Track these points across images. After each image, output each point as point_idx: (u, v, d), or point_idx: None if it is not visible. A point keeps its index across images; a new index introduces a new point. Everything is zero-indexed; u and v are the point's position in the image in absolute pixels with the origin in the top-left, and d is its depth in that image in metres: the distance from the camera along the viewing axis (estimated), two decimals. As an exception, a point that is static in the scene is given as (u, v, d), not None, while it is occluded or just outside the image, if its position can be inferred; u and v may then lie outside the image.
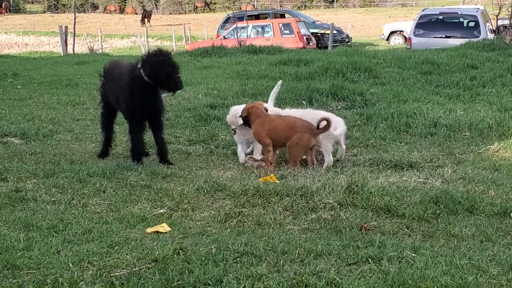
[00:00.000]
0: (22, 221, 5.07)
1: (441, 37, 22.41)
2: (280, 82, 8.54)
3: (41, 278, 3.87)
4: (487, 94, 11.86)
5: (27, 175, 6.48)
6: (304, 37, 29.14)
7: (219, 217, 5.39)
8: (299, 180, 6.33)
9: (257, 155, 7.56)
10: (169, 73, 6.88)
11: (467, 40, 19.37)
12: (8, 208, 5.49)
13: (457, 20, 23.10)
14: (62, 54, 26.33)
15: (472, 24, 22.58)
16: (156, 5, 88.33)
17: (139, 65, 6.98)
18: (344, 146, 7.56)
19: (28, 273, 4.01)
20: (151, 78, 6.90)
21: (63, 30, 26.52)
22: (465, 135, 8.87)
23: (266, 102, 8.03)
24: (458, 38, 21.12)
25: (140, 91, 7.00)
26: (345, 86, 11.60)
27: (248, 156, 7.62)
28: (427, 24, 23.07)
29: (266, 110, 7.48)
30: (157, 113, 7.30)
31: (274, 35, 28.79)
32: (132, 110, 7.12)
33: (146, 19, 54.22)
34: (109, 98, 7.55)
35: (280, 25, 29.28)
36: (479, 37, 20.99)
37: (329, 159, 7.31)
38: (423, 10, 23.90)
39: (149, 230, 4.98)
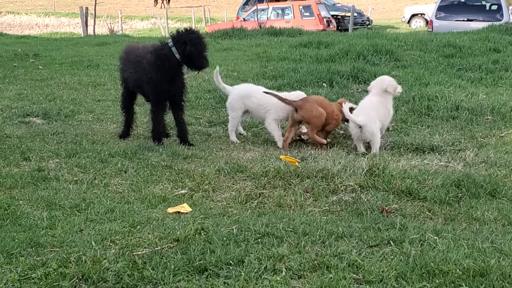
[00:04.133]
0: (45, 200, 5.12)
1: (463, 20, 22.21)
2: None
3: (64, 256, 3.90)
4: (510, 78, 11.74)
5: (49, 155, 6.53)
6: (324, 20, 29.01)
7: (239, 198, 5.40)
8: (319, 162, 6.32)
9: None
10: (201, 50, 6.99)
11: (490, 23, 19.14)
12: (31, 187, 5.54)
13: (480, 3, 22.85)
14: (82, 35, 26.41)
15: (494, 7, 22.34)
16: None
17: (170, 43, 7.01)
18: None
19: (51, 251, 4.04)
20: (183, 55, 6.94)
21: (84, 11, 26.57)
22: (487, 119, 8.80)
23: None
24: (481, 22, 20.90)
25: (168, 70, 7.04)
26: (366, 68, 11.53)
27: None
28: (449, 7, 22.85)
29: None
30: (180, 93, 7.32)
31: (294, 17, 28.68)
32: (159, 90, 7.13)
33: (164, 0, 54.07)
34: (128, 80, 7.56)
35: (301, 7, 29.14)
36: (501, 20, 20.76)
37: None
38: (445, -7, 23.64)
39: (170, 210, 5.01)
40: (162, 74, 7.04)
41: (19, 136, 7.38)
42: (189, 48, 6.92)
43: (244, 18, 28.91)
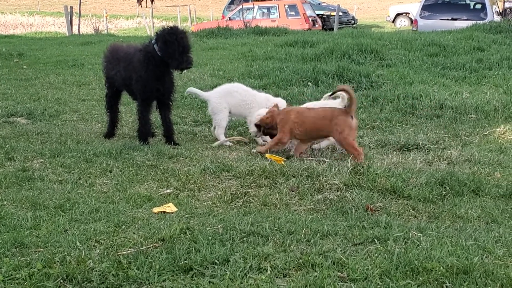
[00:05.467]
0: (29, 200, 5.10)
1: (448, 19, 22.31)
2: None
3: (49, 256, 3.89)
4: (493, 77, 11.83)
5: (33, 155, 6.49)
6: (310, 19, 29.05)
7: (225, 197, 5.40)
8: (305, 161, 6.33)
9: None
10: (180, 50, 6.88)
11: (474, 22, 19.27)
12: (15, 187, 5.51)
13: (464, 2, 22.98)
14: (67, 34, 26.30)
15: (478, 6, 22.48)
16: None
17: (153, 41, 7.00)
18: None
19: (36, 251, 4.03)
20: (162, 53, 6.91)
21: (68, 10, 26.44)
22: (471, 117, 8.85)
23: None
24: (465, 21, 21.02)
25: (154, 68, 7.02)
26: (351, 68, 11.57)
27: None
28: (433, 6, 22.96)
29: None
30: (169, 92, 7.30)
31: (279, 17, 28.72)
32: (147, 89, 7.11)
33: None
34: (115, 80, 7.53)
35: (286, 6, 29.17)
36: (485, 19, 20.91)
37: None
38: (429, -8, 23.76)
39: (155, 209, 5.00)
40: (150, 72, 7.02)
41: (3, 136, 7.33)
42: (160, 45, 6.91)
43: (229, 17, 28.90)
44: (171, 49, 6.86)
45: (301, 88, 10.38)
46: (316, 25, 29.55)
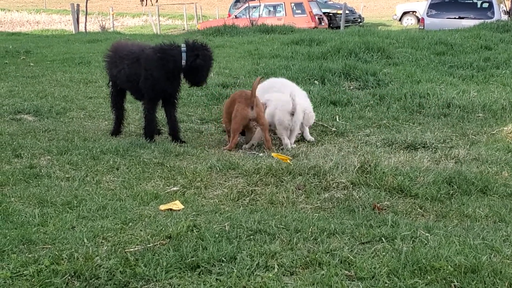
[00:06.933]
0: (37, 197, 5.10)
1: (455, 18, 22.25)
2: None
3: (56, 253, 3.90)
4: (501, 75, 11.80)
5: (41, 152, 6.50)
6: (316, 17, 29.02)
7: (231, 195, 5.40)
8: (311, 159, 6.33)
9: None
10: (208, 70, 7.25)
11: (481, 21, 19.23)
12: (22, 184, 5.52)
13: (471, 1, 22.91)
14: (74, 32, 26.31)
15: (485, 5, 22.41)
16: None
17: (183, 47, 7.05)
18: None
19: (43, 248, 4.04)
20: (190, 64, 7.03)
21: (75, 8, 26.46)
22: (479, 116, 8.82)
23: None
24: (472, 19, 20.98)
25: (171, 71, 7.10)
26: (357, 66, 11.54)
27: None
28: (440, 4, 22.89)
29: None
30: (175, 91, 7.34)
31: (286, 15, 28.69)
32: (156, 88, 7.15)
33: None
34: (117, 78, 7.53)
35: (292, 4, 29.13)
36: (492, 18, 20.84)
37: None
38: (436, -9, 23.70)
39: (162, 207, 5.00)
40: (164, 73, 7.06)
41: (10, 133, 7.35)
42: (200, 62, 7.01)
43: (235, 16, 28.89)
44: (207, 67, 7.17)
45: (308, 87, 10.36)
46: (323, 23, 29.50)
